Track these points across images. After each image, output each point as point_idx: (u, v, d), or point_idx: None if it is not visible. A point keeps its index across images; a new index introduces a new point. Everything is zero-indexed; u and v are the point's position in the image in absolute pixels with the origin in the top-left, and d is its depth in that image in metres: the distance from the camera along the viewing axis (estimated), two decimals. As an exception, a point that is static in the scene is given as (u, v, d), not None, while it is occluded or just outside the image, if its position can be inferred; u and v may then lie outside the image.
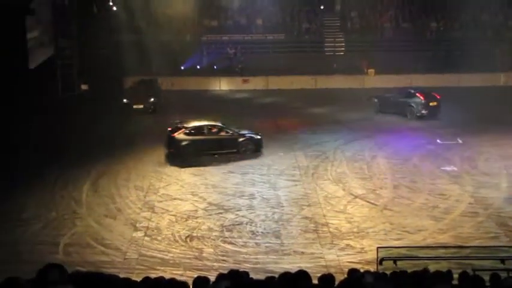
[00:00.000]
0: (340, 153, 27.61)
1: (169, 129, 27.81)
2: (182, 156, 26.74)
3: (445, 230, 19.80)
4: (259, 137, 28.09)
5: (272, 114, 35.27)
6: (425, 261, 16.15)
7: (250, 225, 20.12)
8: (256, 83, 41.89)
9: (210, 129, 27.78)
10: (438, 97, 34.40)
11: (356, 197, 22.58)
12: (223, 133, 27.75)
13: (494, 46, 41.19)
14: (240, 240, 19.04)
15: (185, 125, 27.65)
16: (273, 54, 43.94)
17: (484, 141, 28.72)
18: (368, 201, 22.17)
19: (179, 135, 27.14)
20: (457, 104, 35.32)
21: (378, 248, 16.71)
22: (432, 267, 13.73)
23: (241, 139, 27.63)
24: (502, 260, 16.26)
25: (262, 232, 19.60)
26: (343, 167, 25.82)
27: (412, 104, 34.18)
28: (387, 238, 19.14)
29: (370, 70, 42.55)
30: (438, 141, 29.20)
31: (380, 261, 16.36)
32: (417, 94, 34.56)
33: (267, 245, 18.71)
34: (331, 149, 28.11)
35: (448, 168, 25.57)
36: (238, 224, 20.18)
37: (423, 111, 33.88)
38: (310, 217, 20.73)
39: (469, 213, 21.10)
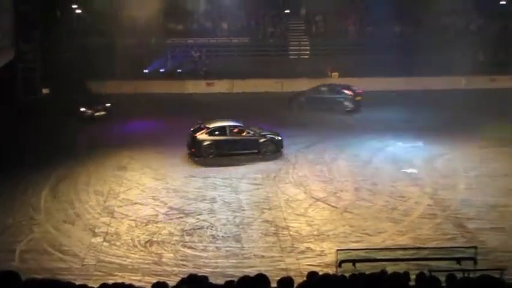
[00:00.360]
0: (301, 156, 27.67)
1: (191, 129, 28.00)
2: (204, 156, 27.14)
3: (404, 232, 20.02)
4: (279, 138, 28.34)
5: (237, 117, 35.15)
6: (384, 263, 16.31)
7: (211, 229, 20.13)
8: (221, 86, 41.78)
9: (232, 129, 28.02)
10: (361, 92, 36.42)
11: (317, 200, 22.70)
12: (244, 134, 28.02)
13: (456, 50, 41.63)
14: (200, 244, 19.03)
15: (207, 126, 27.87)
16: (238, 58, 43.89)
17: (444, 143, 29.03)
18: (329, 204, 22.31)
19: (201, 135, 27.44)
20: (419, 107, 35.67)
21: (337, 250, 16.83)
22: (390, 268, 13.83)
23: (262, 140, 27.89)
24: (458, 261, 16.49)
25: (222, 236, 19.62)
26: (304, 170, 25.91)
27: (341, 100, 36.02)
28: (347, 241, 19.30)
29: (334, 73, 42.69)
30: (399, 143, 29.42)
31: (339, 263, 16.47)
32: (344, 90, 36.50)
33: (227, 249, 18.73)
34: (292, 152, 28.14)
35: (408, 171, 25.82)
36: (198, 229, 20.16)
37: (351, 106, 35.85)
38: (271, 220, 20.80)
39: (427, 215, 21.37)
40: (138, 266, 17.56)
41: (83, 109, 33.50)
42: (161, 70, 43.22)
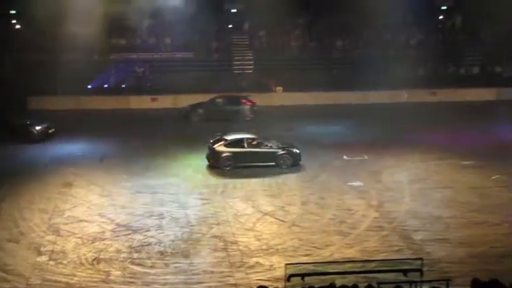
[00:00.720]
0: (248, 171, 27.68)
1: (211, 141, 28.46)
2: (221, 168, 27.58)
3: (351, 245, 20.18)
4: (297, 151, 28.43)
5: (181, 131, 35.09)
6: (333, 276, 16.40)
7: (159, 245, 19.91)
8: (165, 102, 41.62)
9: (250, 142, 28.30)
10: (255, 102, 38.33)
11: (265, 214, 22.72)
12: (262, 146, 28.26)
13: (397, 64, 42.51)
14: (148, 261, 18.80)
15: (226, 138, 28.31)
16: (182, 73, 43.80)
17: (389, 156, 29.50)
18: (277, 218, 22.35)
19: (219, 147, 27.94)
20: (363, 121, 36.19)
21: (286, 264, 16.83)
22: (339, 281, 14.00)
23: (280, 153, 28.07)
24: (405, 273, 16.69)
25: (171, 252, 19.42)
26: (252, 185, 25.93)
27: (240, 110, 37.50)
28: (296, 254, 19.34)
29: (278, 88, 43.07)
30: (345, 157, 29.77)
31: (288, 277, 16.46)
32: (243, 100, 38.00)
33: (176, 265, 18.55)
34: (241, 167, 28.14)
35: (354, 184, 26.11)
36: (147, 245, 19.92)
37: (250, 116, 37.50)
38: (220, 236, 20.71)
39: (374, 227, 21.59)
40: (86, 285, 17.22)
41: (36, 128, 32.78)
42: (105, 86, 42.79)
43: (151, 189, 25.25)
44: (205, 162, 28.41)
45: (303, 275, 16.40)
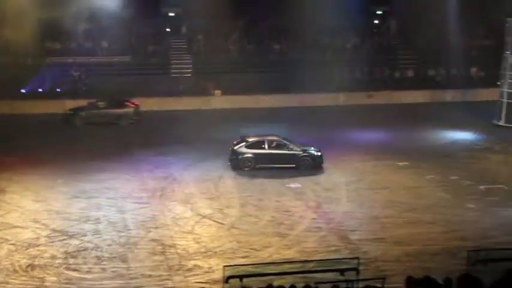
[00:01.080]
0: (187, 174, 27.59)
1: (234, 142, 28.61)
2: (241, 168, 27.85)
3: (290, 246, 20.32)
4: (319, 153, 28.44)
5: (116, 136, 34.59)
6: (271, 277, 16.46)
7: (96, 250, 19.64)
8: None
9: (271, 143, 28.45)
10: (138, 104, 38.36)
11: (204, 217, 22.68)
12: (283, 148, 28.35)
13: (333, 67, 43.00)
14: (85, 266, 18.52)
15: (247, 139, 28.52)
16: (119, 77, 43.28)
17: (326, 158, 29.65)
18: (216, 221, 22.33)
19: (240, 148, 28.22)
20: (301, 123, 36.32)
21: (224, 266, 16.81)
22: (277, 282, 14.04)
23: (300, 155, 28.10)
24: (342, 272, 16.88)
25: (108, 257, 19.17)
26: (190, 188, 25.83)
27: (123, 113, 37.61)
28: (234, 256, 19.36)
29: (216, 91, 43.02)
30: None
31: (226, 279, 16.45)
32: (127, 103, 38.06)
33: (113, 269, 18.32)
34: (178, 170, 28.03)
35: (292, 185, 26.29)
36: (83, 250, 19.62)
37: (135, 118, 37.66)
38: (158, 239, 20.57)
39: (312, 228, 21.79)
40: (20, 292, 16.86)
41: None
42: (40, 89, 41.95)
43: (87, 193, 24.85)
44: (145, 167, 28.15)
45: (241, 277, 16.42)
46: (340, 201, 24.58)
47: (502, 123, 36.70)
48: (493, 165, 29.52)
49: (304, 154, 28.39)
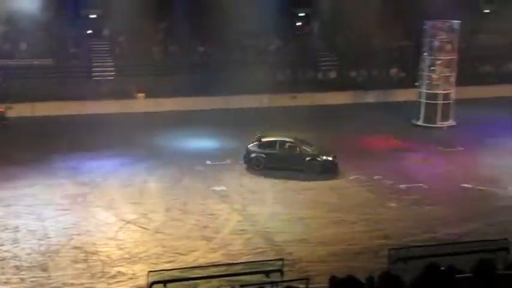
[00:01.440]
0: (110, 179, 27.08)
1: (252, 141, 28.97)
2: (252, 167, 28.20)
3: (216, 249, 20.27)
4: (330, 158, 28.16)
5: (36, 140, 33.63)
6: (196, 281, 16.36)
7: (15, 259, 19.14)
8: (21, 110, 39.79)
9: (282, 144, 28.56)
10: (2, 110, 37.03)
11: (128, 222, 22.37)
12: (293, 150, 28.28)
13: (257, 69, 43.10)
14: (3, 277, 18.00)
15: (262, 138, 28.62)
16: (39, 80, 42.13)
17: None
18: (140, 226, 22.07)
19: (253, 147, 28.54)
20: (225, 126, 36.17)
21: (148, 272, 16.58)
22: (203, 286, 13.97)
23: (308, 159, 27.85)
24: (267, 274, 16.91)
25: (27, 266, 18.68)
26: (114, 193, 25.38)
27: None
28: (159, 261, 19.17)
29: (139, 94, 42.45)
30: (207, 162, 29.73)
31: (150, 285, 16.22)
32: None
33: (32, 279, 17.86)
34: (101, 175, 27.48)
35: (217, 188, 26.19)
36: (1, 260, 19.04)
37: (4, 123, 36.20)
38: (80, 246, 20.17)
39: (238, 230, 21.80)
40: None
41: None
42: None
43: (4, 201, 24.03)
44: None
45: (165, 282, 16.23)
46: (266, 203, 24.65)
47: (420, 123, 37.57)
48: (413, 165, 30.17)
49: (311, 158, 28.21)
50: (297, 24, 50.17)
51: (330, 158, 28.40)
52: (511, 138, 33.50)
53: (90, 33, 46.97)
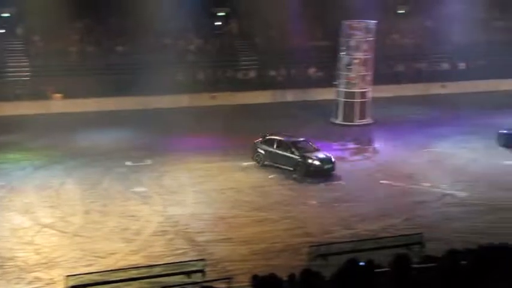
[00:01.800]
0: (27, 182, 26.34)
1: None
2: (256, 162, 29.28)
3: (136, 251, 20.04)
4: (316, 163, 27.96)
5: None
6: (116, 284, 16.14)
7: None
8: None
9: (279, 143, 29.14)
10: None
11: (45, 226, 21.83)
12: (286, 150, 28.73)
13: (177, 69, 42.85)
14: None
15: (266, 136, 29.50)
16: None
17: (171, 160, 29.57)
18: (57, 230, 21.61)
19: (258, 143, 29.56)
20: (144, 126, 35.83)
21: (66, 276, 16.28)
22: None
23: (299, 159, 27.89)
24: (188, 274, 16.89)
25: None
26: (30, 197, 24.70)
27: None
28: (78, 265, 18.79)
29: (56, 95, 41.46)
30: (127, 163, 29.31)
31: (68, 290, 15.95)
32: None
33: None
34: (16, 178, 26.68)
35: (137, 189, 25.87)
36: None
37: None
38: (-5, 252, 19.49)
39: (159, 232, 21.61)
40: None
41: None
42: None
43: None
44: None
45: (84, 286, 15.99)
46: (187, 203, 24.52)
47: (339, 121, 38.16)
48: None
49: (300, 160, 28.10)
50: (216, 23, 50.14)
51: (317, 163, 28.27)
52: (424, 136, 34.49)
53: (3, 33, 45.61)
